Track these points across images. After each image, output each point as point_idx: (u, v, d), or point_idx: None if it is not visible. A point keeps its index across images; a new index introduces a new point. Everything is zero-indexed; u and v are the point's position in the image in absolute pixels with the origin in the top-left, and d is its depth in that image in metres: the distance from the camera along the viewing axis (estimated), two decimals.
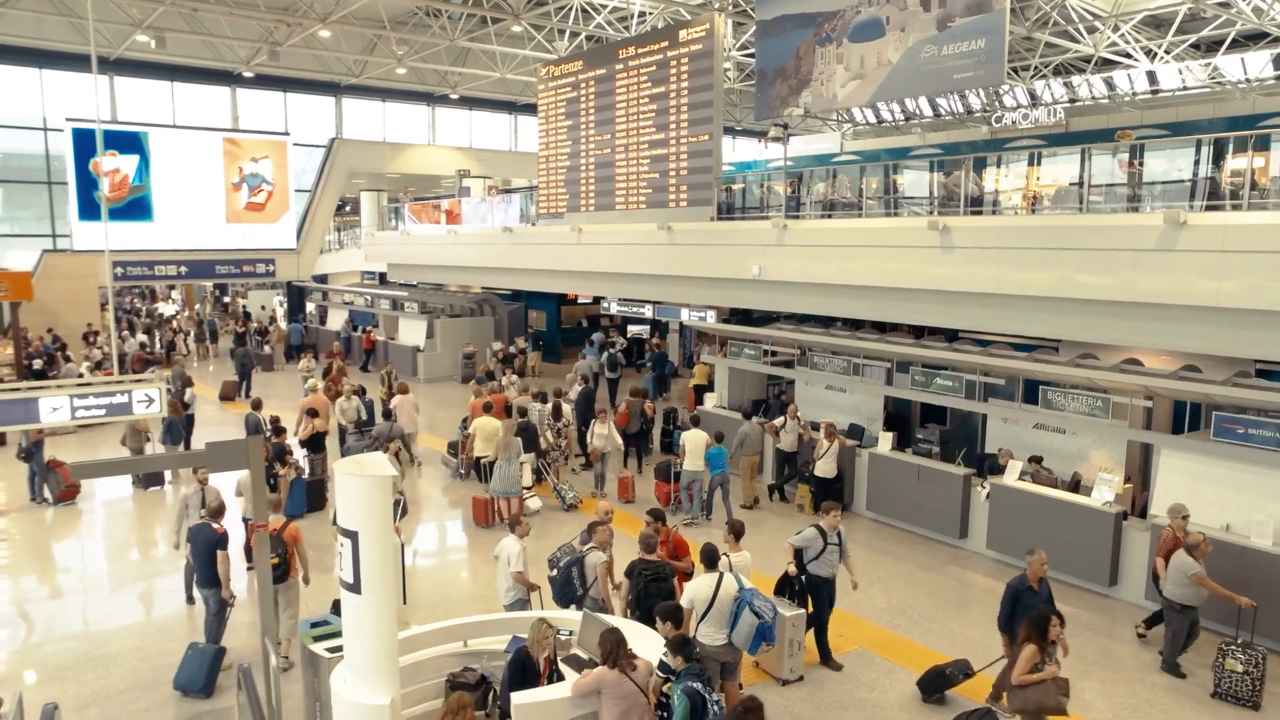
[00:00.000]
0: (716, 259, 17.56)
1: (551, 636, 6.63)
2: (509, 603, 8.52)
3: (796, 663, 8.58)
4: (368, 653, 5.93)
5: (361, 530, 5.77)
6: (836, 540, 8.85)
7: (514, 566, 8.38)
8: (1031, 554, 8.08)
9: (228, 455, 7.00)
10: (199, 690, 8.32)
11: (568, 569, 8.10)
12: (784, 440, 14.34)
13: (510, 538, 8.57)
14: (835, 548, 8.84)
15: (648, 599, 7.69)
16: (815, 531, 8.84)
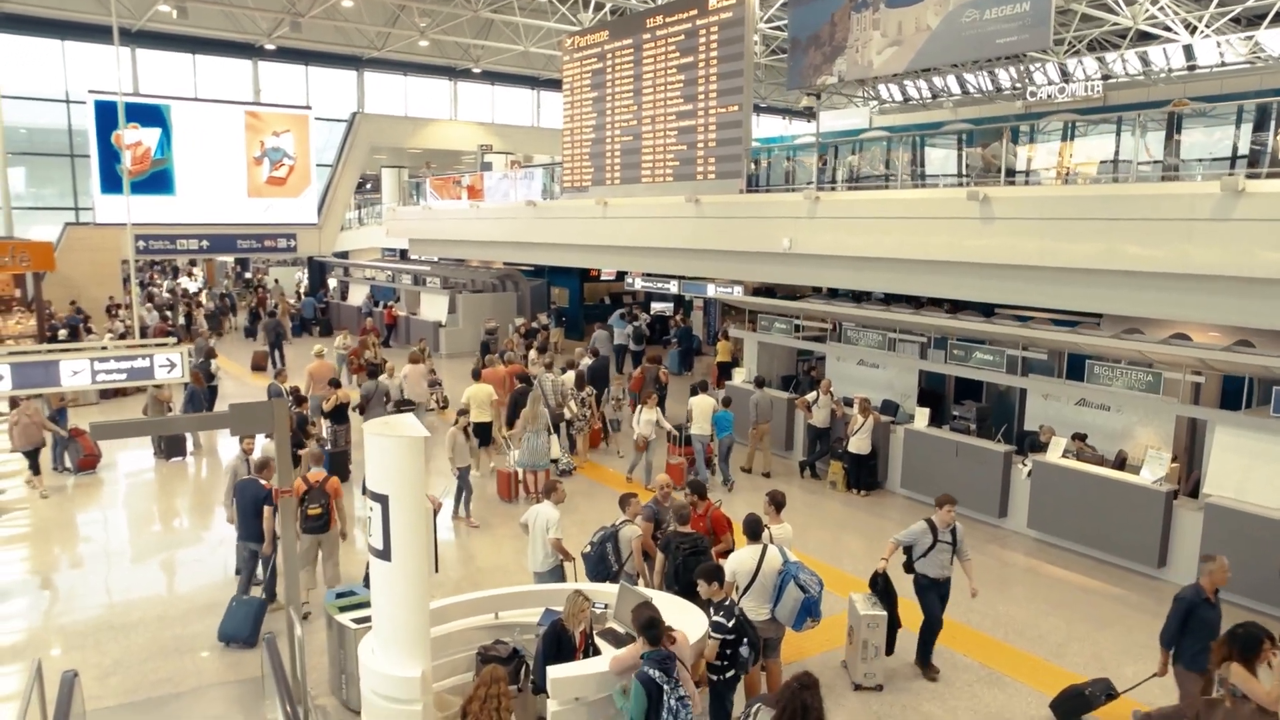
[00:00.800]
0: (746, 232, 17.16)
1: (588, 610, 6.36)
2: (545, 569, 8.34)
3: (873, 668, 7.75)
4: (398, 622, 5.67)
5: (392, 493, 5.50)
6: (950, 538, 7.90)
7: (553, 533, 8.18)
8: (1210, 560, 6.76)
9: (251, 418, 6.74)
10: (244, 640, 8.27)
11: (602, 545, 7.82)
12: (816, 416, 13.99)
13: (546, 504, 8.39)
14: (948, 545, 7.90)
15: (686, 573, 7.40)
16: (925, 526, 7.91)
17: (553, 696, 5.71)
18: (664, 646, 5.65)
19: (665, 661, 5.44)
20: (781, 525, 7.72)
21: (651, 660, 5.45)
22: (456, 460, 11.99)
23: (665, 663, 5.44)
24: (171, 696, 7.47)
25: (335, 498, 9.18)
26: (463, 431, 12.09)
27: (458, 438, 11.97)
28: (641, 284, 24.84)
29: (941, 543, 7.86)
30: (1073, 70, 36.61)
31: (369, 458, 5.65)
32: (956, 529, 7.94)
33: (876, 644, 7.72)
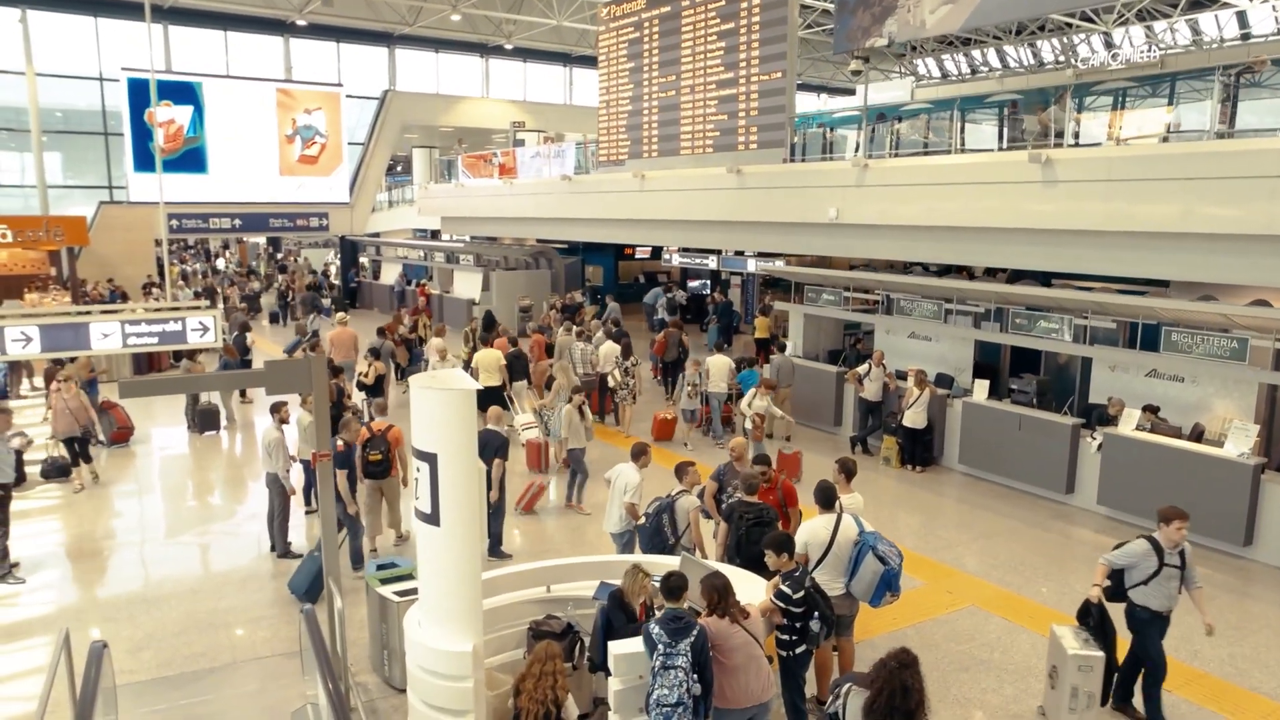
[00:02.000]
0: (789, 202, 16.58)
1: (648, 585, 5.90)
2: (617, 532, 8.15)
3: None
4: (447, 593, 5.23)
5: (441, 452, 5.05)
6: (1178, 562, 6.32)
7: (629, 497, 7.93)
8: None
9: (288, 376, 6.31)
10: (303, 595, 8.17)
11: (657, 516, 7.36)
12: (868, 389, 13.42)
13: (629, 466, 8.13)
14: (1175, 570, 6.31)
15: (749, 545, 6.92)
16: (1147, 547, 6.32)
17: (615, 674, 5.25)
18: (735, 619, 5.18)
19: (674, 623, 5.01)
20: (852, 495, 7.19)
21: (666, 620, 5.03)
22: (571, 441, 11.24)
23: (674, 624, 5.00)
24: (206, 671, 7.12)
25: (396, 446, 9.34)
26: (578, 410, 11.38)
27: (573, 417, 11.26)
28: (679, 259, 24.31)
29: (1169, 567, 6.28)
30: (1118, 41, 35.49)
31: (415, 414, 5.21)
32: (1185, 551, 6.37)
33: (1090, 691, 6.20)
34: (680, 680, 4.89)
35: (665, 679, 4.92)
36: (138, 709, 6.50)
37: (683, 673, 4.90)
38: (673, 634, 4.98)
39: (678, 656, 4.92)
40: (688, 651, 4.93)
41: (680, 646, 4.94)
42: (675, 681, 4.89)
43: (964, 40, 40.15)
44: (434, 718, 5.32)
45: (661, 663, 4.95)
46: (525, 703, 5.37)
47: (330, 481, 6.74)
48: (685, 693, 4.88)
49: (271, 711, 6.58)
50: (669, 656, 4.94)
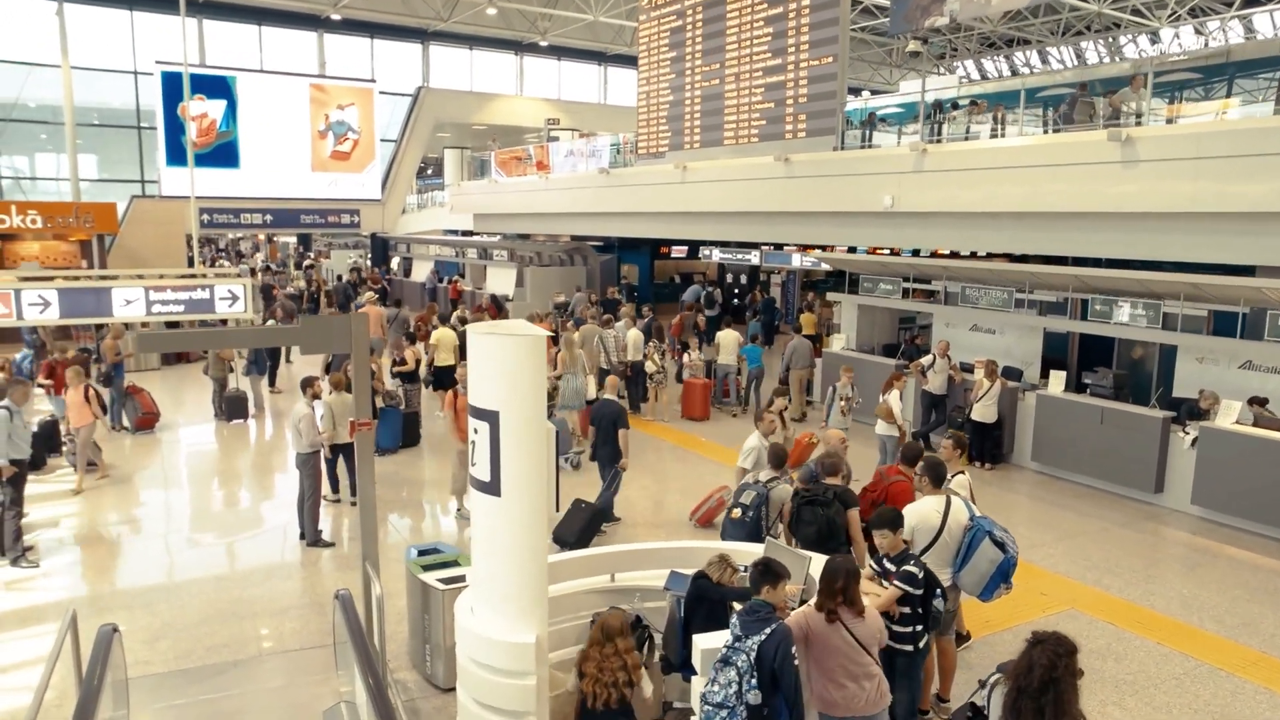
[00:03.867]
0: (841, 191, 15.82)
1: (735, 579, 5.16)
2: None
3: None
4: (507, 574, 4.51)
5: (504, 409, 4.34)
6: None
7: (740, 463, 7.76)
8: None
9: (325, 334, 5.64)
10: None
11: (757, 510, 6.60)
12: (932, 381, 12.60)
13: (754, 435, 7.92)
14: None
15: (800, 525, 6.23)
16: None
17: (704, 672, 4.50)
18: (840, 619, 4.42)
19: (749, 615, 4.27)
20: (959, 474, 6.39)
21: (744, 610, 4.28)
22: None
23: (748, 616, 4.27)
24: (229, 664, 6.44)
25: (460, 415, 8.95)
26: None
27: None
28: (719, 255, 23.56)
29: None
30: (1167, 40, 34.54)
31: (472, 366, 4.50)
32: None
33: None
34: (732, 681, 4.18)
35: (720, 675, 4.25)
36: (153, 703, 5.83)
37: (736, 672, 4.17)
38: (745, 627, 4.28)
39: (739, 654, 4.21)
40: (752, 651, 4.17)
41: (746, 644, 4.21)
42: (727, 680, 4.21)
43: (1007, 41, 39.31)
44: (485, 717, 4.60)
45: (722, 656, 4.28)
46: (590, 686, 4.68)
47: (370, 451, 6.05)
48: (735, 697, 4.15)
49: (300, 709, 5.89)
50: (732, 651, 4.25)
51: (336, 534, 9.24)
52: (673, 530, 9.38)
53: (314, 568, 8.39)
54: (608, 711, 4.84)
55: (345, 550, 8.87)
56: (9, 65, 27.10)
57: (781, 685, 4.15)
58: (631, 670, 4.77)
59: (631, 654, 4.85)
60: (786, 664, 4.16)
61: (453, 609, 5.81)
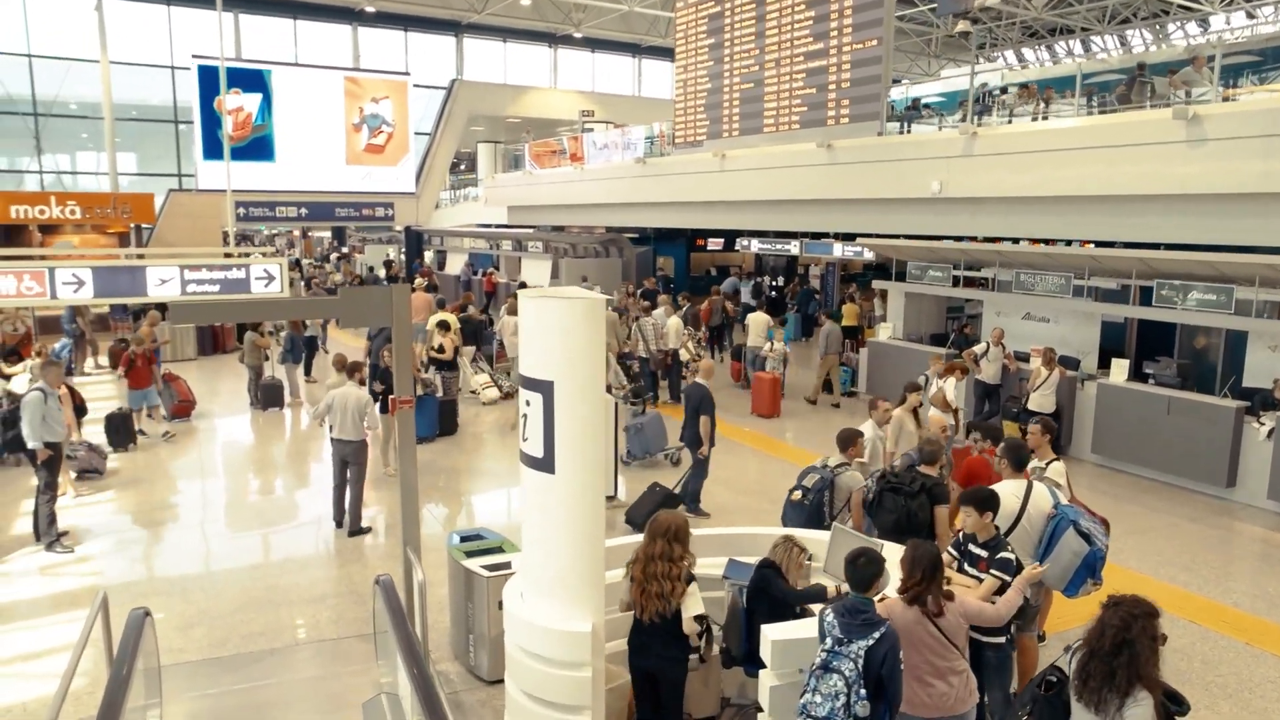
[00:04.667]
0: (885, 177, 15.37)
1: (803, 561, 4.81)
2: None
3: None
4: (561, 557, 4.19)
5: (559, 378, 4.02)
6: None
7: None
8: None
9: (365, 306, 5.36)
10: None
11: (819, 494, 6.24)
12: (985, 371, 12.14)
13: (869, 424, 7.67)
14: None
15: (878, 511, 5.86)
16: None
17: (773, 665, 4.15)
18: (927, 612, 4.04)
19: (853, 617, 3.83)
20: (1054, 461, 5.97)
21: (843, 608, 3.88)
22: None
23: (852, 618, 3.83)
24: (265, 653, 6.19)
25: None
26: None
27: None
28: (758, 246, 23.14)
29: None
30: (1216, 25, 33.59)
31: (524, 333, 4.19)
32: None
33: None
34: (839, 691, 3.69)
35: (823, 684, 3.74)
36: (186, 691, 5.59)
37: (843, 681, 3.69)
38: (847, 629, 3.80)
39: (844, 660, 3.73)
40: (860, 657, 3.72)
41: (852, 649, 3.74)
42: (832, 691, 3.71)
43: (1050, 30, 38.42)
44: (538, 713, 4.29)
45: (822, 660, 3.79)
46: (636, 593, 4.48)
47: (411, 430, 5.76)
48: (843, 709, 3.66)
49: (338, 700, 5.62)
50: (834, 656, 3.77)
51: (370, 523, 8.99)
52: (729, 517, 9.01)
53: (351, 556, 8.14)
54: (653, 626, 4.50)
55: (381, 539, 8.61)
56: (49, 61, 27.28)
57: (888, 694, 3.72)
58: (672, 579, 4.41)
59: (679, 563, 4.47)
60: (896, 671, 3.73)
61: (497, 597, 5.54)
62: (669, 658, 4.55)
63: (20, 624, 6.73)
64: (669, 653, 4.54)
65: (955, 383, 10.35)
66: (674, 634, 4.49)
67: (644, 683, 4.67)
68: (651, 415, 11.38)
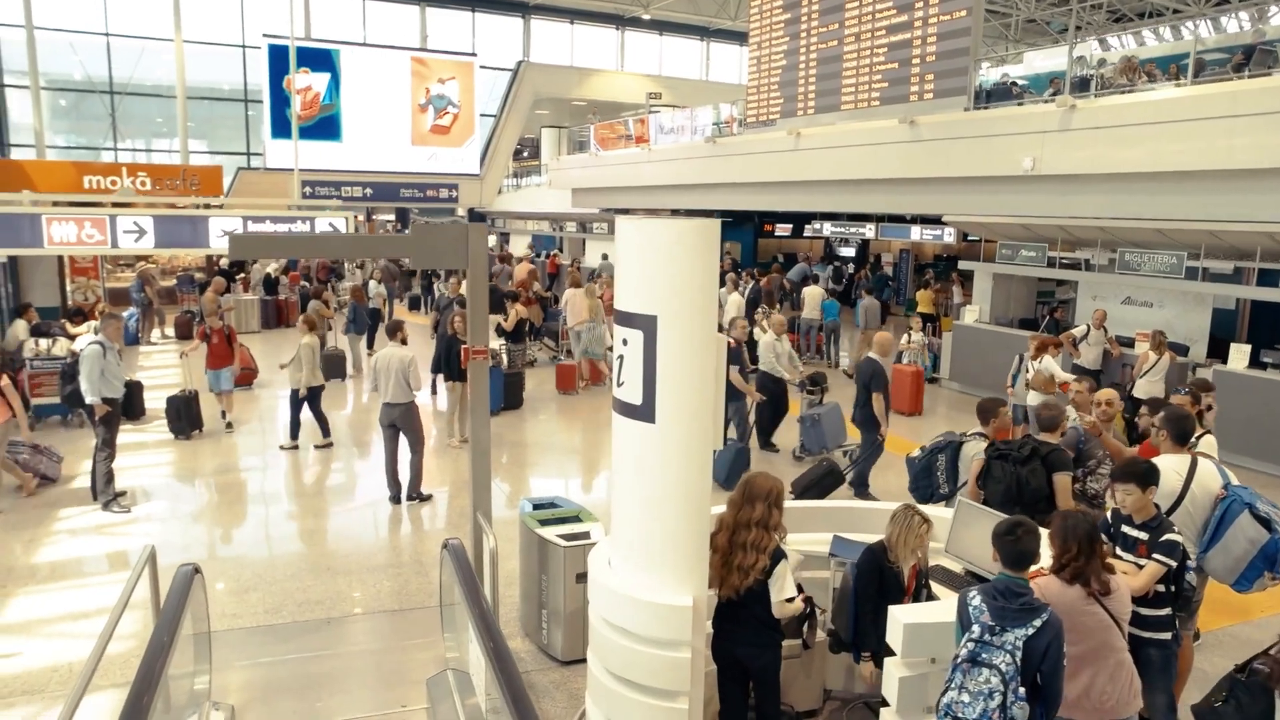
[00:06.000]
0: (973, 154, 14.55)
1: (926, 534, 4.20)
2: None
3: None
4: (661, 520, 3.65)
5: (664, 313, 3.47)
6: None
7: None
8: None
9: (438, 244, 4.88)
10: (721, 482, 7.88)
11: (932, 454, 5.66)
12: (1085, 355, 11.33)
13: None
14: None
15: (988, 481, 5.25)
16: None
17: (903, 653, 3.56)
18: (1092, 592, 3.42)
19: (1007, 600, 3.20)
20: (1205, 434, 5.27)
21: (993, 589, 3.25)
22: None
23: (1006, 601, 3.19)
24: (321, 622, 5.78)
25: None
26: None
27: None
28: (830, 229, 22.37)
29: None
30: None
31: (622, 263, 3.66)
32: None
33: None
34: (992, 689, 3.06)
35: (971, 679, 3.12)
36: (238, 659, 5.19)
37: (997, 677, 3.06)
38: (1000, 614, 3.17)
39: (998, 652, 3.10)
40: (1017, 649, 3.10)
41: (1007, 639, 3.12)
42: (984, 689, 3.07)
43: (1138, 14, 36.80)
44: (626, 696, 3.75)
45: (970, 652, 3.16)
46: (717, 566, 3.91)
47: (484, 384, 5.28)
48: (999, 710, 3.04)
49: (399, 674, 5.17)
50: (983, 647, 3.14)
51: (433, 484, 8.59)
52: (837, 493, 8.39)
53: (412, 526, 7.74)
54: (734, 605, 3.94)
55: (444, 510, 8.19)
56: (126, 43, 27.63)
57: (1047, 693, 3.12)
58: (759, 550, 3.84)
59: (773, 533, 3.90)
60: (1059, 667, 3.12)
61: (575, 570, 5.05)
62: (755, 643, 3.98)
63: (71, 582, 6.44)
64: (755, 638, 3.97)
65: (1052, 359, 9.59)
66: (759, 616, 3.93)
67: (728, 671, 4.10)
68: (830, 406, 10.12)
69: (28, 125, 26.16)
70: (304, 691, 4.89)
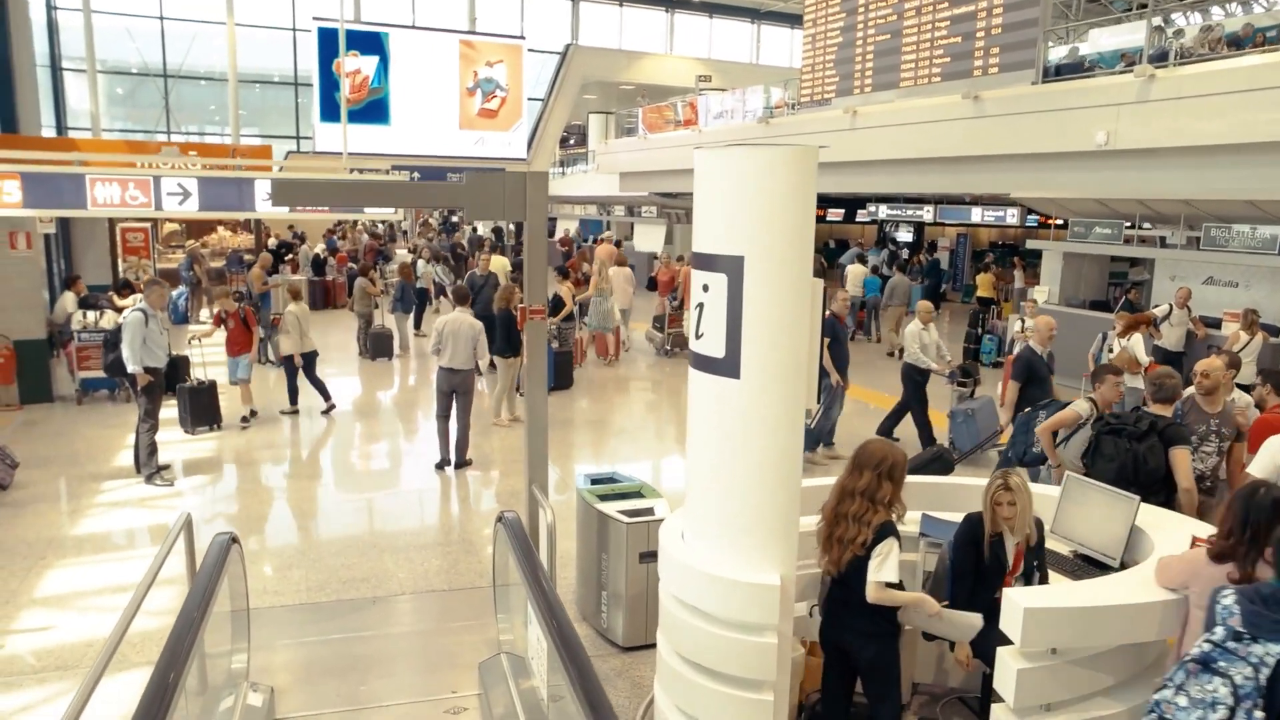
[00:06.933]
0: (1041, 130, 13.86)
1: (1004, 497, 3.73)
2: None
3: None
4: (745, 488, 3.24)
5: (753, 251, 3.06)
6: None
7: None
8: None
9: (492, 195, 4.51)
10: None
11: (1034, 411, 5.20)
12: (1167, 336, 10.69)
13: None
14: None
15: (1096, 459, 4.79)
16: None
17: (1023, 642, 3.11)
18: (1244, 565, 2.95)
19: (1268, 604, 2.66)
20: None
21: (1254, 593, 2.72)
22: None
23: (1266, 604, 2.66)
24: (367, 601, 5.46)
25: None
26: None
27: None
28: (886, 212, 21.73)
29: None
30: None
31: (701, 200, 3.26)
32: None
33: None
34: (1216, 701, 2.52)
35: (1195, 683, 2.59)
36: (279, 638, 4.89)
37: (1229, 689, 2.51)
38: (1255, 621, 2.59)
39: (1239, 663, 2.55)
40: (1265, 665, 2.53)
41: (1256, 650, 2.56)
42: (1207, 698, 2.55)
43: None
44: (700, 684, 3.35)
45: (1203, 654, 2.62)
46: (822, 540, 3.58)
47: (541, 348, 4.92)
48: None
49: (448, 658, 4.84)
50: (1222, 653, 2.60)
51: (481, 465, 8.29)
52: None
53: (461, 504, 7.46)
54: (837, 585, 3.57)
55: (494, 489, 7.87)
56: (179, 27, 27.81)
57: None
58: (863, 524, 3.44)
59: (881, 507, 3.47)
60: None
61: (639, 548, 4.67)
62: (861, 631, 3.56)
63: (110, 556, 6.22)
64: (862, 623, 3.55)
65: (1141, 339, 9.02)
66: (862, 599, 3.51)
67: (832, 659, 3.71)
68: (984, 400, 9.30)
69: (85, 111, 26.44)
70: (347, 674, 4.57)
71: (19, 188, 6.94)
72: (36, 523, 6.65)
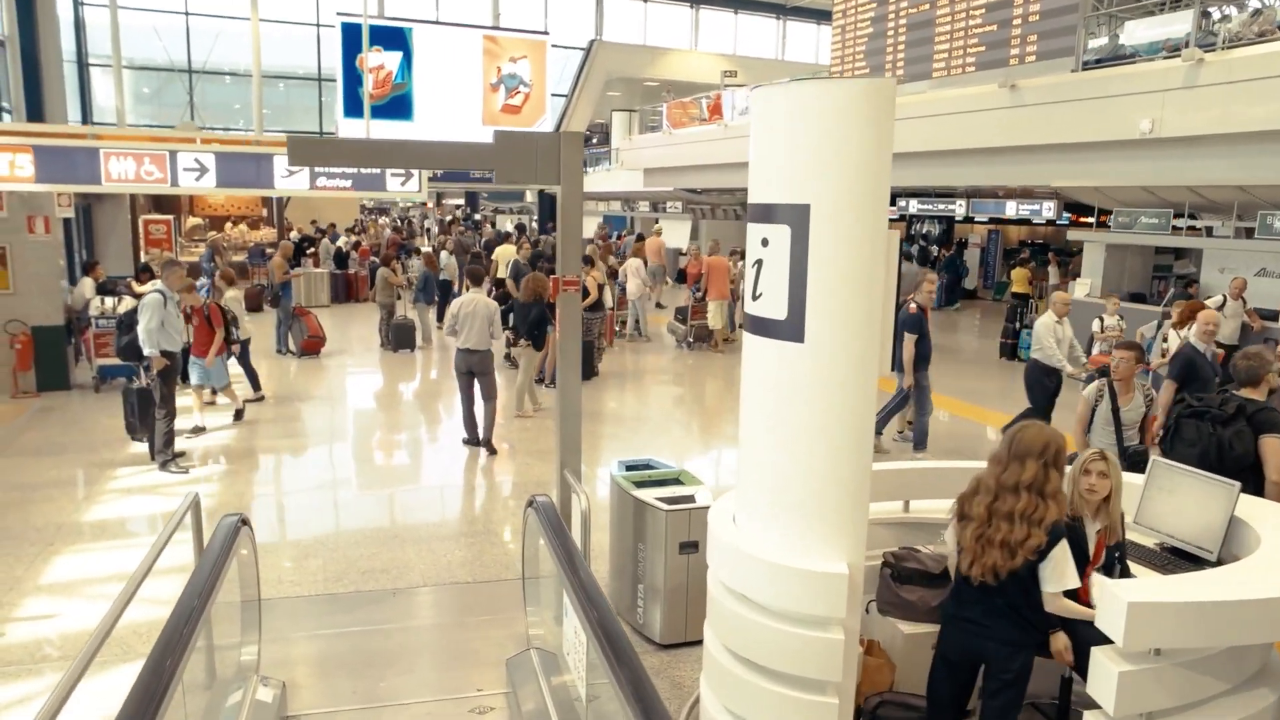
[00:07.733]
0: (1081, 118, 13.43)
1: (1120, 485, 3.37)
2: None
3: None
4: (809, 466, 2.90)
5: (820, 200, 2.72)
6: None
7: None
8: None
9: (527, 155, 4.20)
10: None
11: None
12: (1222, 328, 10.16)
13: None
14: None
15: (1175, 443, 4.50)
16: None
17: (1126, 642, 2.74)
18: None
19: None
20: None
21: None
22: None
23: None
24: (387, 593, 5.17)
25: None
26: None
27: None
28: (916, 206, 21.29)
29: None
30: None
31: (758, 144, 2.93)
32: None
33: None
34: None
35: None
36: (293, 630, 4.60)
37: None
38: None
39: None
40: None
41: None
42: None
43: None
44: (753, 684, 3.02)
45: None
46: (969, 538, 3.17)
47: (576, 323, 4.61)
48: None
49: (473, 654, 4.53)
50: None
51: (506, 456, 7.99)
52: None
53: (486, 493, 7.17)
54: (985, 591, 3.17)
55: (520, 479, 7.56)
56: (204, 23, 27.84)
57: None
58: (1033, 524, 3.06)
59: (1051, 502, 3.10)
60: None
61: (678, 539, 4.34)
62: (1010, 641, 3.17)
63: (119, 543, 5.96)
64: (1012, 634, 3.17)
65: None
66: (1018, 608, 3.15)
67: (957, 665, 3.34)
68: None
69: (112, 107, 26.50)
70: (364, 669, 4.28)
71: (31, 161, 6.72)
72: (47, 509, 6.42)
